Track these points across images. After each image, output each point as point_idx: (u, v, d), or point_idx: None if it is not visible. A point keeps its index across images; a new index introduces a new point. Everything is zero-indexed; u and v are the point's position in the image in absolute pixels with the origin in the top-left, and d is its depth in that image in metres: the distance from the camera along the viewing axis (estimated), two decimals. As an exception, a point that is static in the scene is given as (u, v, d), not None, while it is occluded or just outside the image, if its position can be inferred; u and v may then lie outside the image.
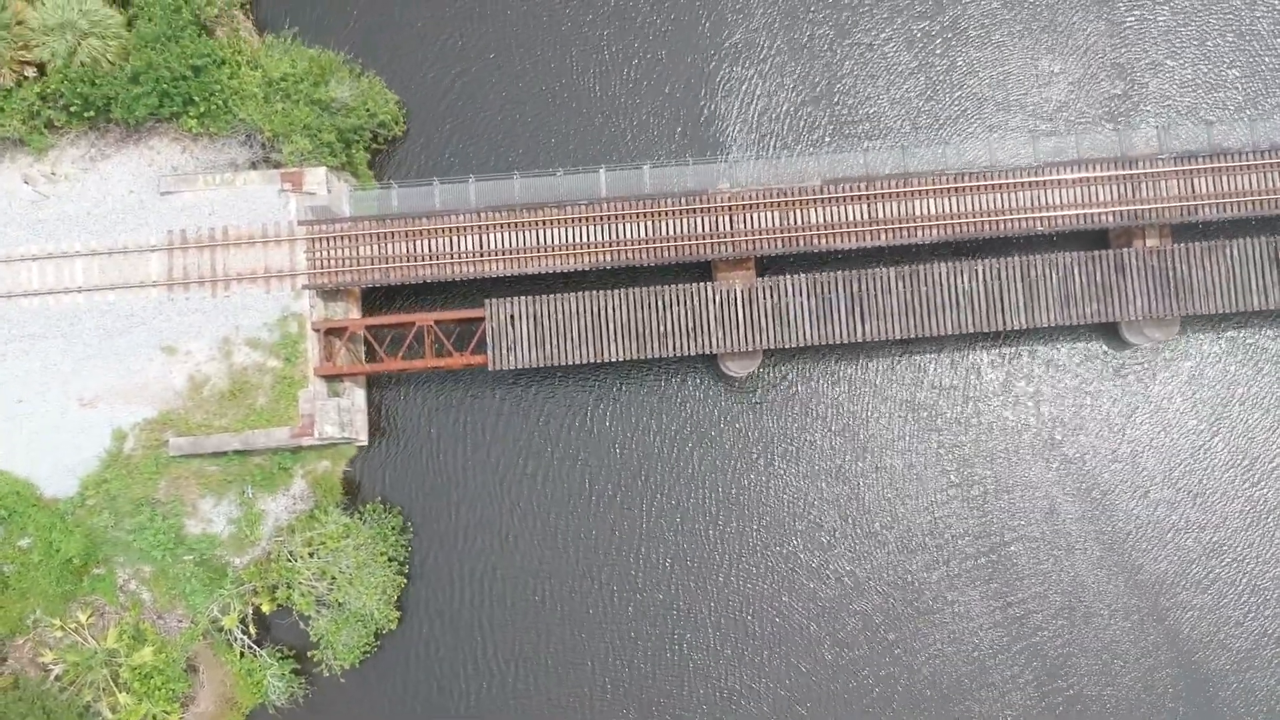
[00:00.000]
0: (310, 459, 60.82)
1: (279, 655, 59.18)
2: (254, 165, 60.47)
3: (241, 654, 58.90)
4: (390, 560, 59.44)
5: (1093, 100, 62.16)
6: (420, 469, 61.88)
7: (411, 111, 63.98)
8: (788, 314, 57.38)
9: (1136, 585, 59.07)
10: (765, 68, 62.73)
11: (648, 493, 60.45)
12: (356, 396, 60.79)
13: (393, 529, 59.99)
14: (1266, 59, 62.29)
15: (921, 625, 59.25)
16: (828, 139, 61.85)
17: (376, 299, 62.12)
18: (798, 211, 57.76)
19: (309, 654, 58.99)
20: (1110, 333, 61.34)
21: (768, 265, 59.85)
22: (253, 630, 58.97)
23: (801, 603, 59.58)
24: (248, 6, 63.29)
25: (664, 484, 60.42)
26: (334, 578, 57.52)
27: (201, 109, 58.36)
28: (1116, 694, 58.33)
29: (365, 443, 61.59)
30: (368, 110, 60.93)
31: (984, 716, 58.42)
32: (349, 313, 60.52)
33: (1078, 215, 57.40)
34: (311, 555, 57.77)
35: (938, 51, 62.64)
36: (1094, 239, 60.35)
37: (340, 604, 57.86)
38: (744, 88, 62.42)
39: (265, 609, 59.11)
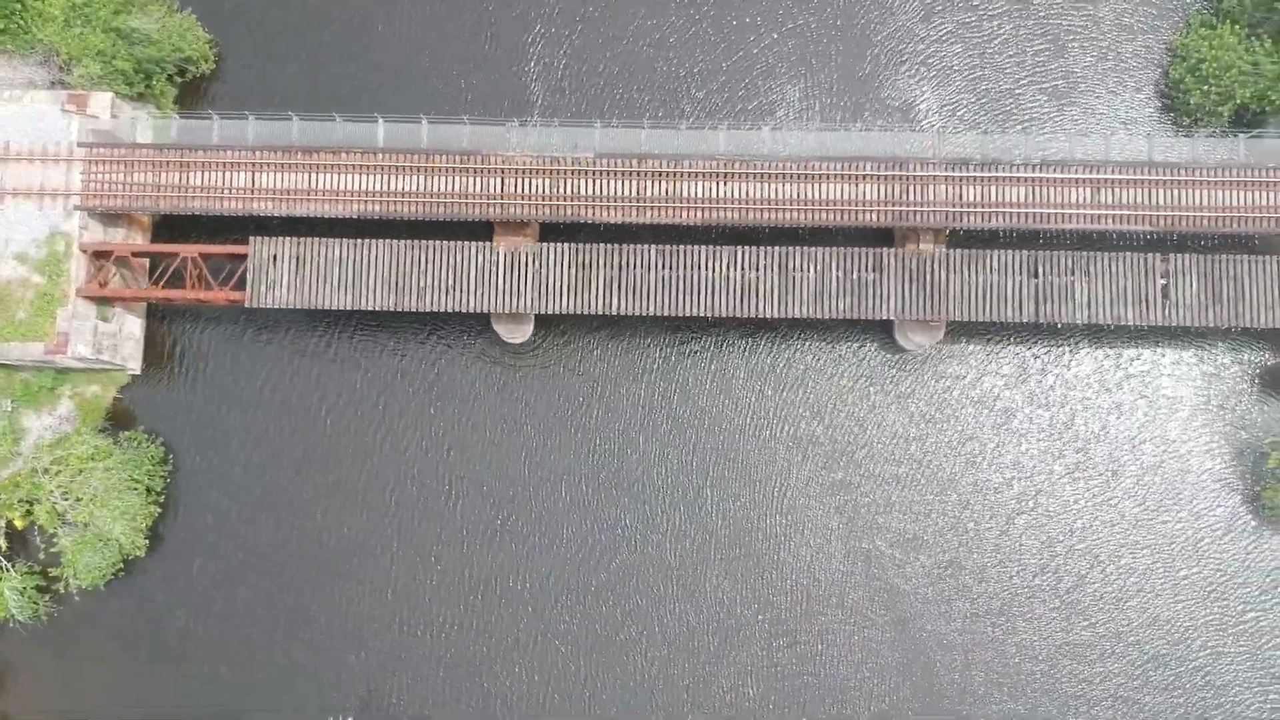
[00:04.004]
0: (80, 381, 61.53)
1: (26, 571, 59.64)
2: (53, 86, 61.17)
3: (-12, 567, 59.46)
4: (147, 490, 59.88)
5: (880, 98, 62.72)
6: (192, 402, 62.53)
7: (227, 51, 64.94)
8: (547, 281, 57.76)
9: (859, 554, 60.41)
10: (572, 35, 63.79)
11: (401, 444, 61.52)
12: (129, 324, 61.37)
13: (151, 459, 60.45)
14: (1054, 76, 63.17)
15: (670, 595, 60.08)
16: (613, 111, 62.58)
17: (175, 229, 62.40)
18: (569, 181, 58.18)
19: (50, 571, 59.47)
20: (890, 336, 61.52)
21: (553, 232, 59.92)
22: (3, 544, 59.41)
23: (524, 557, 60.65)
24: (74, -70, 63.90)
25: (414, 438, 61.44)
26: (78, 498, 57.97)
27: (1, 27, 59.12)
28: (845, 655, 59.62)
29: (137, 371, 62.19)
30: (173, 44, 61.60)
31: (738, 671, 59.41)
32: (130, 239, 61.12)
33: (841, 212, 57.62)
34: (58, 473, 58.22)
35: (734, 33, 63.36)
36: (880, 239, 60.37)
37: (85, 525, 58.27)
38: (548, 50, 63.52)
39: (18, 524, 59.64)
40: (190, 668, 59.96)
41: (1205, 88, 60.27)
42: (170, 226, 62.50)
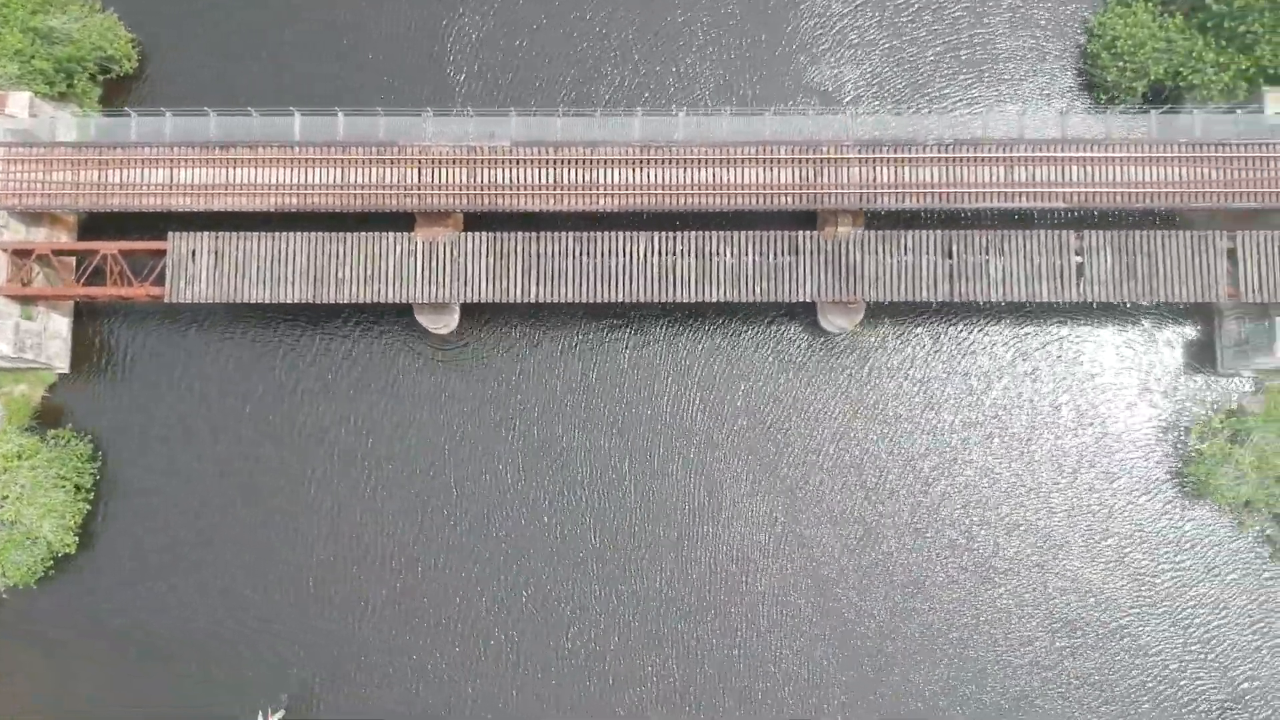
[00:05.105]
0: (6, 381, 61.72)
1: (-45, 570, 59.92)
2: (-28, 87, 61.39)
3: (-83, 564, 59.62)
4: (76, 488, 60.08)
5: (796, 74, 63.31)
6: (121, 399, 62.81)
7: (150, 51, 65.33)
8: (466, 271, 58.01)
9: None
10: (488, 17, 64.55)
11: (321, 440, 61.85)
12: (55, 322, 61.55)
13: (79, 456, 60.66)
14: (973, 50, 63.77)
15: (595, 575, 60.54)
16: (530, 97, 63.00)
17: (105, 227, 62.30)
18: (487, 170, 58.44)
19: (-19, 571, 59.61)
20: (815, 319, 61.84)
21: (478, 221, 60.07)
22: (-65, 546, 59.61)
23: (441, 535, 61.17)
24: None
25: (337, 427, 61.87)
26: (4, 496, 58.13)
27: (-82, 28, 59.34)
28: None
29: (65, 369, 62.41)
30: (93, 44, 61.79)
31: (664, 648, 59.78)
32: (54, 238, 61.32)
33: (757, 195, 57.91)
34: (-18, 472, 58.46)
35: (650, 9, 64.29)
36: (802, 222, 60.49)
37: (12, 523, 58.45)
38: (470, 37, 64.14)
39: (-51, 525, 59.81)
40: (121, 663, 60.16)
41: (1120, 64, 60.64)
42: (100, 225, 62.49)
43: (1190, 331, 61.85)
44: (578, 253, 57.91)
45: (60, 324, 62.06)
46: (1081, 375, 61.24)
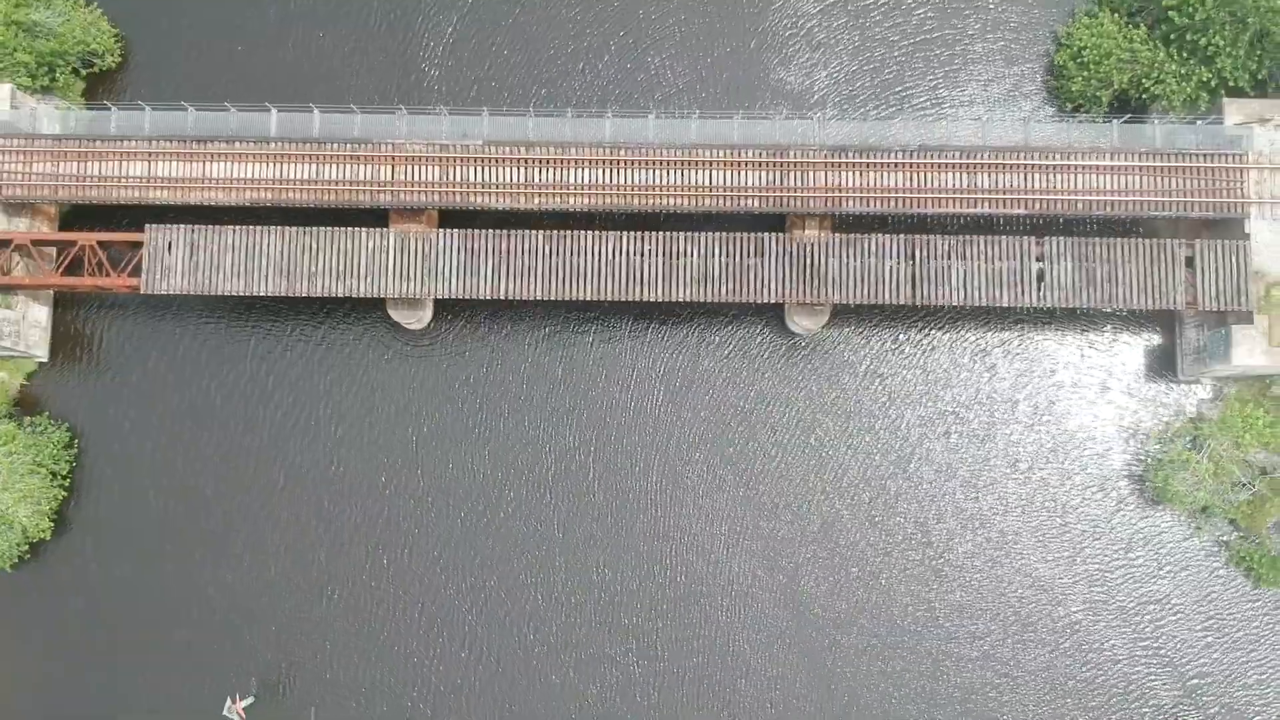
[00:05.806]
0: (-15, 368, 62.78)
1: (-70, 554, 60.92)
2: (-43, 79, 62.33)
3: (-108, 552, 60.61)
4: (52, 474, 61.06)
5: (763, 83, 64.19)
6: (99, 388, 63.85)
7: (134, 45, 66.19)
8: (436, 267, 58.99)
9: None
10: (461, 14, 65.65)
11: (293, 432, 63.07)
12: (35, 311, 62.54)
13: (56, 443, 61.65)
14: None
15: (557, 569, 61.53)
16: (501, 96, 64.17)
17: (90, 219, 63.08)
18: (459, 168, 59.44)
19: (-41, 555, 60.61)
20: (783, 320, 62.85)
21: (452, 218, 61.11)
22: (-92, 527, 60.55)
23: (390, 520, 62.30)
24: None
25: (308, 420, 63.03)
26: (-20, 481, 59.20)
27: (-100, 20, 60.26)
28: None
29: (44, 358, 63.39)
30: (76, 38, 62.74)
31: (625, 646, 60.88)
32: (36, 228, 62.27)
33: (724, 197, 58.90)
34: (-41, 457, 59.45)
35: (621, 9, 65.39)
36: (771, 224, 61.42)
37: (-12, 508, 59.52)
38: (436, 31, 65.26)
39: (-73, 504, 60.70)
40: (88, 650, 61.28)
41: (1086, 74, 61.65)
42: (82, 216, 63.39)
43: (1151, 338, 62.85)
44: (548, 251, 58.90)
45: (40, 313, 63.06)
46: (1040, 375, 62.24)
